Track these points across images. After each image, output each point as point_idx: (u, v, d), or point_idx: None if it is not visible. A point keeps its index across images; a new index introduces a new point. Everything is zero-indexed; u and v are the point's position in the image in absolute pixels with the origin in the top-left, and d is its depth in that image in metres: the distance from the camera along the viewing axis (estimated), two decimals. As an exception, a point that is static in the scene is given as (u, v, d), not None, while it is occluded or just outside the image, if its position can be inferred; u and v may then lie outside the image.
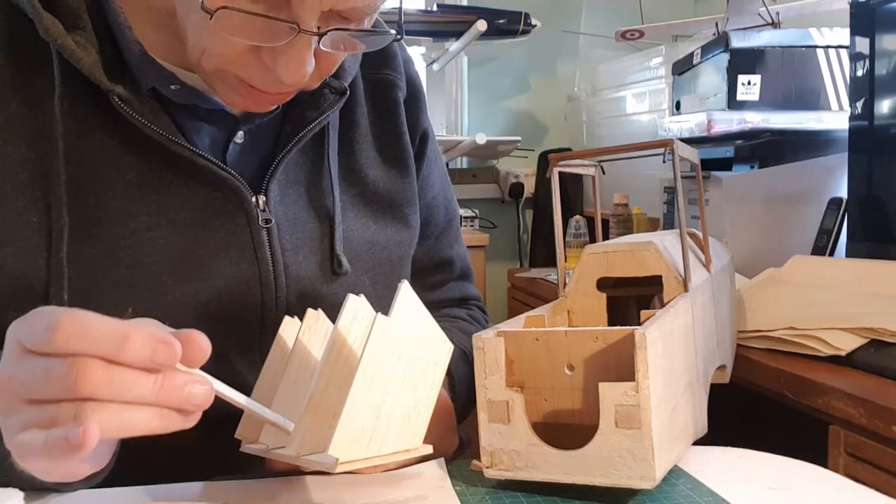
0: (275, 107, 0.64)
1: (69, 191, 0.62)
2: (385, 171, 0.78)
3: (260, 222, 0.68)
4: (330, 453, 0.47)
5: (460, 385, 0.78)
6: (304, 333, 0.58)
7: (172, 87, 0.64)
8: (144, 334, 0.44)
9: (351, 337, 0.52)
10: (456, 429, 0.77)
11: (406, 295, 0.51)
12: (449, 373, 0.77)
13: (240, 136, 0.69)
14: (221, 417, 0.65)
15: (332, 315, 0.73)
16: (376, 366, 0.49)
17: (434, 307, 0.89)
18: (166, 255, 0.65)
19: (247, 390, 0.66)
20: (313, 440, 0.51)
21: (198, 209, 0.66)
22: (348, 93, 0.72)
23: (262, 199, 0.68)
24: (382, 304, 0.76)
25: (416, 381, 0.52)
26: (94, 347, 0.43)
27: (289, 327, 0.60)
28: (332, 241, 0.72)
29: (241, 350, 0.69)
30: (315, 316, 0.59)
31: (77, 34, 0.61)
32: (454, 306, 0.91)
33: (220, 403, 0.68)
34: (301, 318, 0.60)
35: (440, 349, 0.54)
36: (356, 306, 0.52)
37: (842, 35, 1.53)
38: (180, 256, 0.65)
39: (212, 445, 0.67)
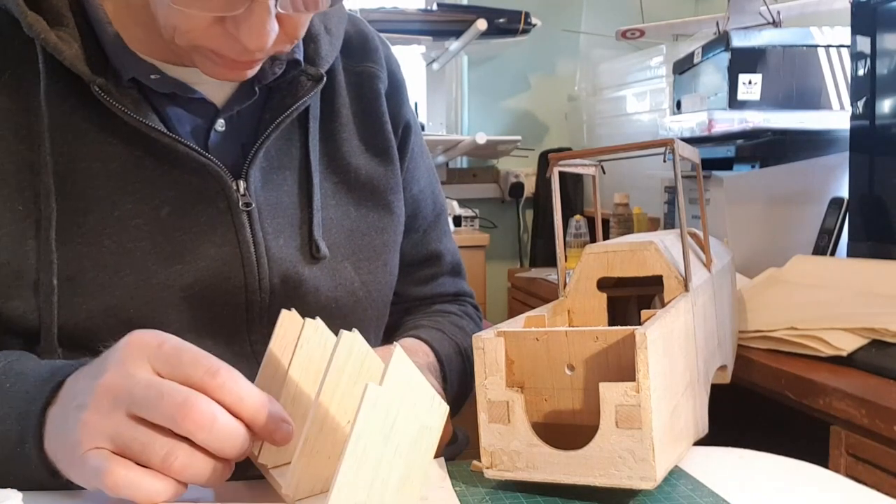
0: (251, 72, 0.66)
1: (56, 181, 0.65)
2: (367, 159, 0.80)
3: (240, 206, 0.70)
4: None
5: (451, 374, 0.78)
6: (301, 347, 0.56)
7: (153, 76, 0.66)
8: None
9: (345, 376, 0.50)
10: (449, 421, 0.76)
11: (398, 360, 0.48)
12: (440, 362, 0.77)
13: (220, 124, 0.71)
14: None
15: (316, 299, 0.74)
16: (367, 440, 0.46)
17: (427, 302, 0.90)
18: (151, 241, 0.67)
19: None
20: (309, 483, 0.51)
21: (180, 195, 0.68)
22: (325, 79, 0.73)
23: (242, 183, 0.70)
24: (368, 288, 0.79)
25: (409, 447, 0.50)
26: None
27: (287, 323, 0.59)
28: (311, 227, 0.74)
29: (229, 338, 0.71)
30: (314, 326, 0.57)
31: (60, 30, 0.64)
32: (447, 302, 0.92)
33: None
34: (292, 311, 0.59)
35: (433, 412, 0.52)
36: (350, 343, 0.50)
37: (843, 34, 1.52)
38: (164, 240, 0.67)
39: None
